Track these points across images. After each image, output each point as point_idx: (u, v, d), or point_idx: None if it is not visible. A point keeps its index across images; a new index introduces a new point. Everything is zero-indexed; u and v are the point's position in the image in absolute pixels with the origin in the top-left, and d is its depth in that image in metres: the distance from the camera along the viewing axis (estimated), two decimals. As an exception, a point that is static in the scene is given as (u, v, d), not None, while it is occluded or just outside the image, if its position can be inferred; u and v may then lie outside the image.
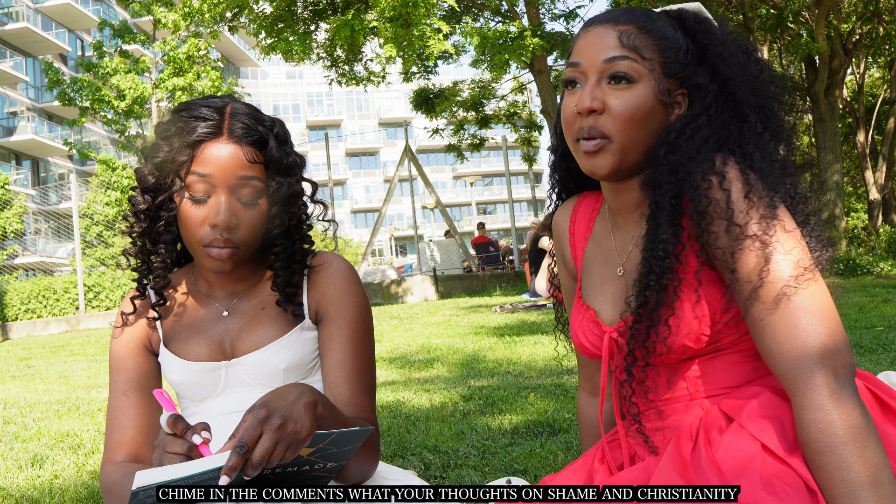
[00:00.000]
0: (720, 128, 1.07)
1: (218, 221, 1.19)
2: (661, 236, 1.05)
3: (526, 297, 8.32)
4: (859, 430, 0.89)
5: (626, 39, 1.08)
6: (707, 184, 1.02)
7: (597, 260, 1.21)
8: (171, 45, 16.82)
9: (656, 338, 1.06)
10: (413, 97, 15.40)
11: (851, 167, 21.37)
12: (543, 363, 4.11)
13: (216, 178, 1.19)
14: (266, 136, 1.23)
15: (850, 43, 13.38)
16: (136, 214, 1.27)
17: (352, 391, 1.25)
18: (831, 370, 0.92)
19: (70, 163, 36.84)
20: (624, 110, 1.06)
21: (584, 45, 1.11)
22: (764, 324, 0.97)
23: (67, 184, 19.05)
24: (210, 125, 1.20)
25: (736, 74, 1.10)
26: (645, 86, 1.07)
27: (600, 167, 1.09)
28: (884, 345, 3.83)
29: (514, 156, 29.64)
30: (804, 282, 0.96)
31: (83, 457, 2.75)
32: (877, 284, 8.00)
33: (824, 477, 0.89)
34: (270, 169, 1.24)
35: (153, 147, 1.24)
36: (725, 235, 1.00)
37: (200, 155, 1.20)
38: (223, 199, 1.19)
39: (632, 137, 1.07)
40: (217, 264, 1.22)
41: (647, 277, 1.06)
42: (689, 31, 1.13)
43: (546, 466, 2.17)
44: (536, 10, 12.28)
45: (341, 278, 1.30)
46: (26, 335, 10.38)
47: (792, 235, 1.00)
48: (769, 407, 0.99)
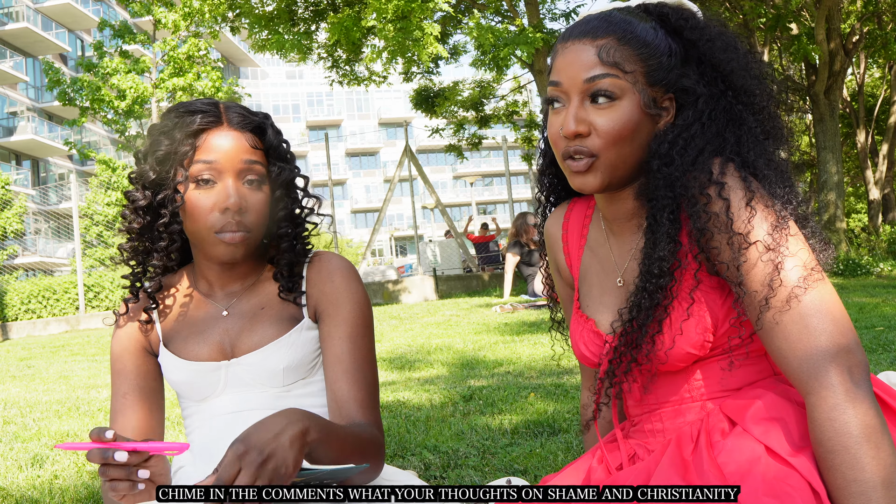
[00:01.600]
0: (715, 136, 1.05)
1: (230, 204, 1.20)
2: (658, 253, 1.04)
3: (526, 297, 8.32)
4: (874, 430, 0.89)
5: (606, 55, 1.04)
6: (706, 198, 1.00)
7: (595, 270, 1.20)
8: (172, 45, 16.82)
9: (659, 348, 1.06)
10: (413, 97, 15.39)
11: (851, 167, 21.37)
12: (543, 363, 4.11)
13: (222, 163, 1.21)
14: (263, 124, 1.28)
15: (850, 43, 13.38)
16: (136, 211, 1.27)
17: (351, 387, 1.25)
18: (846, 369, 0.92)
19: (70, 163, 36.84)
20: (610, 129, 1.04)
21: (562, 63, 1.07)
22: (776, 326, 0.96)
23: (67, 184, 19.06)
24: (209, 115, 1.23)
25: (726, 71, 1.07)
26: (629, 101, 1.05)
27: (590, 185, 1.08)
28: (884, 345, 3.83)
29: (513, 156, 29.61)
30: (813, 282, 0.96)
31: (83, 457, 2.75)
32: (877, 284, 8.00)
33: (837, 476, 0.88)
34: (270, 155, 1.28)
35: (153, 143, 1.25)
36: (728, 248, 0.99)
37: (203, 144, 1.22)
38: (231, 182, 1.22)
39: (619, 154, 1.06)
40: (230, 251, 1.23)
41: (643, 294, 1.05)
42: (674, 29, 1.10)
43: (546, 466, 2.16)
44: (536, 9, 12.27)
45: (339, 275, 1.30)
46: (26, 335, 10.38)
47: (797, 238, 0.99)
48: (772, 409, 0.99)
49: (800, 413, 0.98)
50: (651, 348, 1.06)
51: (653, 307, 1.05)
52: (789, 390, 1.03)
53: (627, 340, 1.08)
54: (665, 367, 1.09)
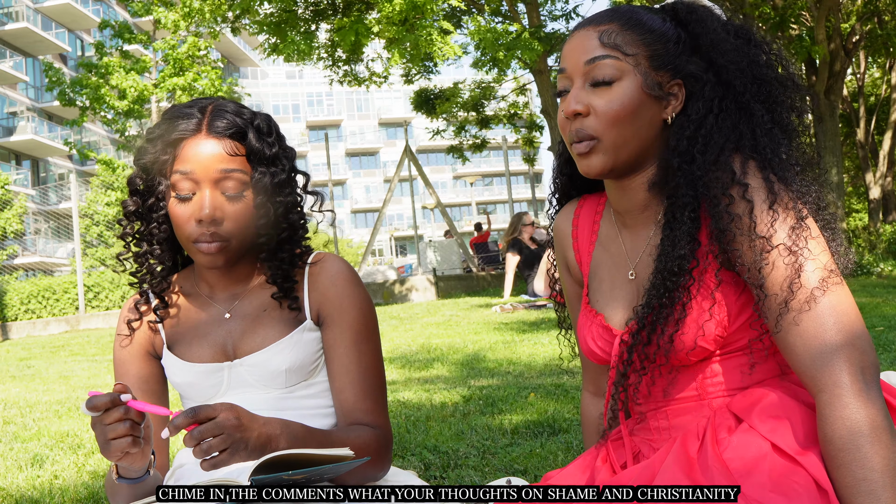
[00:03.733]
0: (731, 130, 1.05)
1: (203, 216, 1.20)
2: (678, 252, 1.04)
3: (526, 297, 8.32)
4: (884, 430, 0.90)
5: (607, 38, 1.07)
6: (728, 199, 1.01)
7: (606, 265, 1.20)
8: (172, 44, 16.80)
9: (669, 344, 1.06)
10: (413, 98, 15.38)
11: (851, 167, 21.37)
12: (543, 363, 4.11)
13: (198, 173, 1.20)
14: (245, 128, 1.24)
15: (850, 43, 13.37)
16: (128, 216, 1.28)
17: (357, 398, 1.26)
18: (858, 369, 0.93)
19: (70, 163, 36.83)
20: (609, 109, 1.06)
21: (568, 50, 1.11)
22: (794, 327, 0.97)
23: (67, 184, 19.04)
24: (190, 123, 1.22)
25: (730, 61, 1.08)
26: (629, 82, 1.06)
27: (593, 167, 1.09)
28: (884, 345, 3.83)
29: (514, 156, 29.62)
30: (832, 285, 0.96)
31: (83, 457, 2.75)
32: (877, 284, 8.00)
33: (846, 474, 0.89)
34: (252, 160, 1.24)
35: (139, 150, 1.26)
36: (750, 251, 1.00)
37: (181, 153, 1.22)
38: (207, 193, 1.21)
39: (621, 135, 1.07)
40: (208, 259, 1.23)
41: (660, 290, 1.05)
42: (682, 21, 1.12)
43: (546, 466, 2.16)
44: (537, 10, 12.27)
45: (342, 280, 1.30)
46: (26, 335, 10.38)
47: (819, 241, 0.99)
48: (779, 407, 0.99)
49: (806, 412, 0.99)
50: (664, 344, 1.05)
51: (670, 305, 1.05)
52: (796, 389, 1.04)
53: (641, 337, 1.08)
54: (675, 363, 1.09)
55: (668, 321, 1.05)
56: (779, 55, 1.13)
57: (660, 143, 1.10)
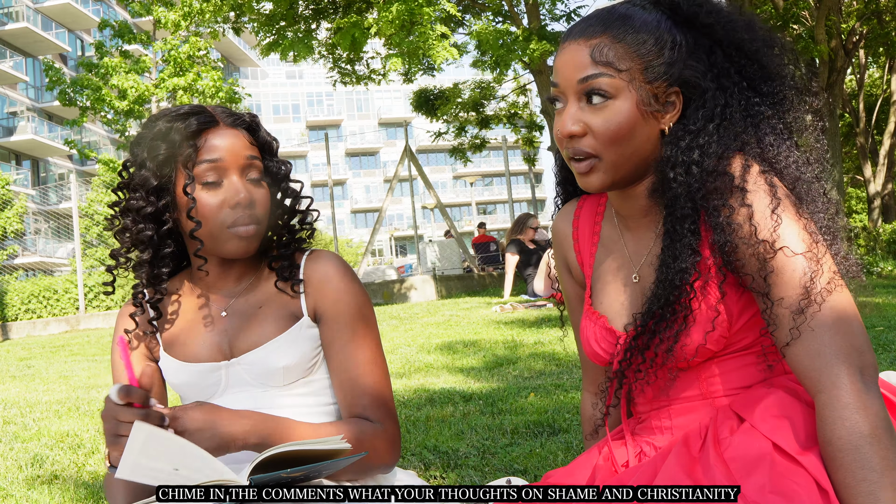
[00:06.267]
0: (732, 140, 1.03)
1: (241, 199, 1.22)
2: (679, 265, 1.03)
3: (526, 297, 8.31)
4: (883, 430, 0.90)
5: (599, 55, 1.04)
6: (728, 210, 1.00)
7: (608, 267, 1.19)
8: (172, 44, 16.80)
9: (669, 353, 1.06)
10: (413, 99, 15.37)
11: (851, 167, 21.36)
12: (543, 363, 4.11)
13: (227, 160, 1.23)
14: (252, 122, 1.30)
15: (850, 42, 13.38)
16: (144, 219, 1.26)
17: (356, 391, 1.26)
18: (857, 369, 0.93)
19: (70, 163, 36.84)
20: (606, 129, 1.04)
21: (560, 63, 1.08)
22: (793, 329, 0.97)
23: (67, 184, 19.03)
24: (203, 116, 1.24)
25: (750, 51, 1.05)
26: (625, 99, 1.04)
27: (593, 185, 1.08)
28: (884, 345, 3.83)
29: (514, 156, 29.63)
30: (834, 287, 0.96)
31: (83, 457, 2.75)
32: (877, 284, 7.99)
33: (846, 475, 0.89)
34: (263, 151, 1.30)
35: (150, 149, 1.24)
36: (754, 260, 0.99)
37: (205, 144, 1.23)
38: (236, 178, 1.23)
39: (620, 153, 1.06)
40: (243, 244, 1.24)
41: (661, 301, 1.05)
42: (686, 17, 1.07)
43: (546, 466, 2.16)
44: (537, 10, 12.26)
45: (338, 277, 1.30)
46: (26, 335, 10.38)
47: (821, 245, 0.99)
48: (781, 407, 0.99)
49: (808, 412, 0.98)
50: (664, 352, 1.05)
51: (671, 316, 1.05)
52: (798, 389, 1.03)
53: (640, 343, 1.07)
54: (678, 364, 1.09)
55: (669, 332, 1.05)
56: (791, 52, 1.11)
57: (659, 152, 1.08)
